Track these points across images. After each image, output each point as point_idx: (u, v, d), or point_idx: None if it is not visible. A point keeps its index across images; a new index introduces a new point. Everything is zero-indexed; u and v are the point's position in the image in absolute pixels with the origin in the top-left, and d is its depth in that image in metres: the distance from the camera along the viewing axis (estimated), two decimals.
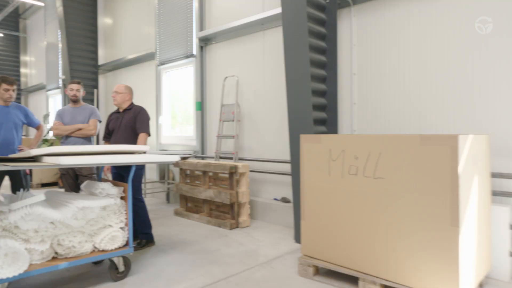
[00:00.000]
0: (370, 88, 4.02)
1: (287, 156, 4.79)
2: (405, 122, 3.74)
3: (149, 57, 7.17)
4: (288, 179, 4.80)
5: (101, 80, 8.79)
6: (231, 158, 5.35)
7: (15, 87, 3.89)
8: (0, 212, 2.44)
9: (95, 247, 2.88)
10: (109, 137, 3.99)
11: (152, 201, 6.52)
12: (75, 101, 4.11)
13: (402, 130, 3.76)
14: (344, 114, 4.23)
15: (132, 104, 3.98)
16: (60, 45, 8.88)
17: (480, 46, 3.28)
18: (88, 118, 4.10)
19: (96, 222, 2.87)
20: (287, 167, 4.76)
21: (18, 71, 13.10)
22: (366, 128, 4.06)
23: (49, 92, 11.03)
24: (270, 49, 5.06)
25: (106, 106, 8.81)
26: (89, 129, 4.05)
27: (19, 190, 3.96)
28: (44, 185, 8.14)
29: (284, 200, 4.79)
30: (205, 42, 6.01)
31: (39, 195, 2.60)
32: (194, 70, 6.19)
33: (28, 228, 2.52)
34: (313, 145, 3.04)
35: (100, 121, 4.21)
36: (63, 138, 4.07)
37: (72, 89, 4.07)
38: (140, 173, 3.87)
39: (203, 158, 5.94)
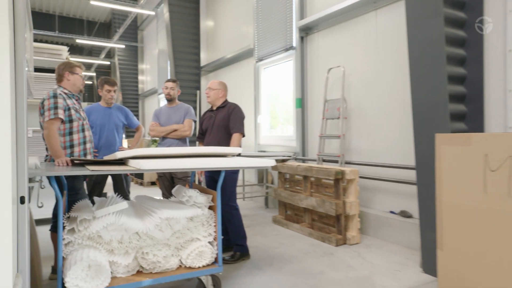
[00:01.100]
0: None
1: (408, 161, 3.88)
2: None
3: (247, 54, 6.90)
4: (409, 188, 3.88)
5: (203, 81, 8.93)
6: (336, 162, 4.64)
7: (116, 88, 3.89)
8: (83, 220, 2.25)
9: (181, 263, 2.54)
10: (202, 137, 3.70)
11: (250, 205, 6.20)
12: (170, 100, 3.95)
13: None
14: (493, 105, 3.16)
15: (226, 101, 3.62)
16: (167, 50, 9.34)
17: None
18: (183, 117, 3.89)
19: (182, 235, 2.53)
20: (409, 174, 3.86)
21: (136, 78, 14.46)
22: None
23: (159, 96, 11.83)
24: (384, 31, 4.20)
25: (208, 107, 8.92)
26: (184, 130, 3.83)
27: (120, 190, 3.97)
28: (154, 183, 8.61)
29: (404, 214, 3.89)
30: (305, 32, 5.42)
31: (123, 202, 2.36)
32: (293, 64, 5.65)
33: (111, 238, 2.28)
34: (457, 148, 2.18)
35: (195, 121, 3.97)
36: (160, 139, 3.94)
37: (166, 88, 3.91)
38: (234, 177, 3.48)
39: (303, 160, 5.36)
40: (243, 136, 3.47)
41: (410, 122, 3.83)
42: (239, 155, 3.28)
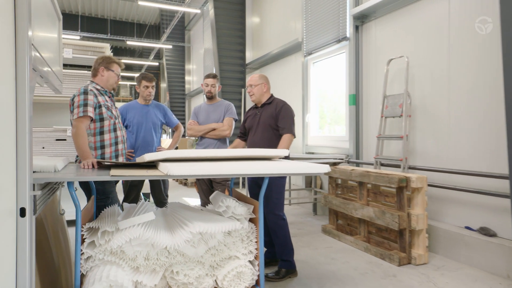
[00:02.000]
0: None
1: (493, 167, 3.21)
2: None
3: (295, 48, 6.43)
4: (492, 201, 3.21)
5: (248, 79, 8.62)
6: (397, 166, 4.04)
7: (154, 83, 3.63)
8: (105, 232, 1.95)
9: (216, 284, 2.16)
10: (244, 137, 3.31)
11: (297, 211, 5.73)
12: (210, 97, 3.61)
13: None
14: None
15: (271, 96, 3.21)
16: (213, 50, 9.17)
17: None
18: (223, 116, 3.54)
19: (218, 251, 2.15)
20: (494, 184, 3.19)
21: (183, 78, 14.56)
22: None
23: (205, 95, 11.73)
24: (460, 12, 3.54)
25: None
26: (223, 129, 3.48)
27: (157, 193, 3.71)
28: None
29: (485, 231, 3.21)
30: (361, 20, 4.84)
31: (149, 213, 2.03)
32: (347, 56, 5.10)
33: (135, 254, 1.96)
34: None
35: (236, 120, 3.60)
36: (198, 139, 3.62)
37: (207, 85, 3.58)
38: (281, 183, 3.05)
39: (357, 164, 4.79)
40: (294, 137, 3.03)
41: (496, 124, 3.17)
42: (287, 157, 2.85)
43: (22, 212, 1.39)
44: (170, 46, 13.66)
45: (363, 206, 3.72)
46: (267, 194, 2.97)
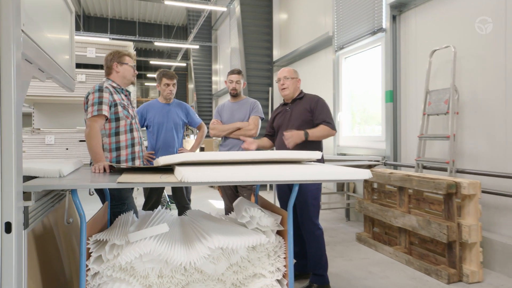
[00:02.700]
0: None
1: None
2: None
3: (325, 43, 6.07)
4: None
5: (276, 77, 8.33)
6: (443, 170, 3.62)
7: (175, 81, 3.42)
8: (113, 246, 1.72)
9: None
10: (272, 137, 3.03)
11: (328, 216, 5.37)
12: (235, 95, 3.35)
13: None
14: None
15: (302, 92, 2.91)
16: (239, 48, 8.96)
17: None
18: (248, 114, 3.27)
19: (241, 269, 1.88)
20: None
21: (210, 78, 14.46)
22: None
23: None
24: None
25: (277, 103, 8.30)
26: (248, 128, 3.20)
27: (178, 198, 3.50)
28: None
29: None
30: (399, 9, 4.43)
31: (163, 225, 1.78)
32: (383, 49, 4.70)
33: (147, 271, 1.72)
34: None
35: (262, 118, 3.32)
36: (222, 140, 3.37)
37: (231, 81, 3.31)
38: (317, 187, 2.74)
39: (395, 167, 4.38)
40: (335, 131, 2.73)
41: None
42: (320, 160, 2.54)
43: (8, 228, 1.17)
44: (197, 46, 13.58)
45: (404, 214, 3.34)
46: (302, 200, 2.67)
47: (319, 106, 2.73)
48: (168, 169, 2.07)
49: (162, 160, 1.88)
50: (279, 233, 2.02)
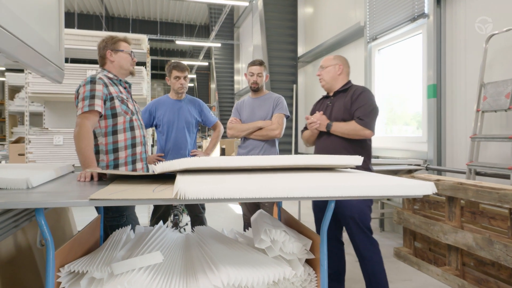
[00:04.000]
0: None
1: None
2: None
3: (355, 34, 5.53)
4: None
5: (300, 74, 7.84)
6: (502, 177, 3.03)
7: (187, 74, 3.02)
8: (92, 280, 1.32)
9: None
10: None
11: None
12: (255, 90, 2.91)
13: None
14: None
15: (349, 82, 2.41)
16: (261, 44, 8.54)
17: None
18: (271, 112, 2.82)
19: None
20: None
21: (232, 77, 14.11)
22: None
23: None
24: None
25: (305, 103, 7.81)
26: (271, 128, 2.75)
27: (191, 205, 3.10)
28: None
29: None
30: None
31: (155, 254, 1.36)
32: (424, 38, 4.13)
33: None
34: None
35: (287, 117, 2.86)
36: (241, 141, 2.94)
37: (252, 74, 2.86)
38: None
39: (440, 172, 3.81)
40: (372, 133, 2.23)
41: None
42: (363, 167, 2.06)
43: None
44: (219, 45, 13.27)
45: (456, 230, 2.79)
46: (347, 215, 2.19)
47: (359, 99, 2.24)
48: (171, 176, 1.67)
49: (158, 168, 1.46)
50: (308, 262, 1.56)
